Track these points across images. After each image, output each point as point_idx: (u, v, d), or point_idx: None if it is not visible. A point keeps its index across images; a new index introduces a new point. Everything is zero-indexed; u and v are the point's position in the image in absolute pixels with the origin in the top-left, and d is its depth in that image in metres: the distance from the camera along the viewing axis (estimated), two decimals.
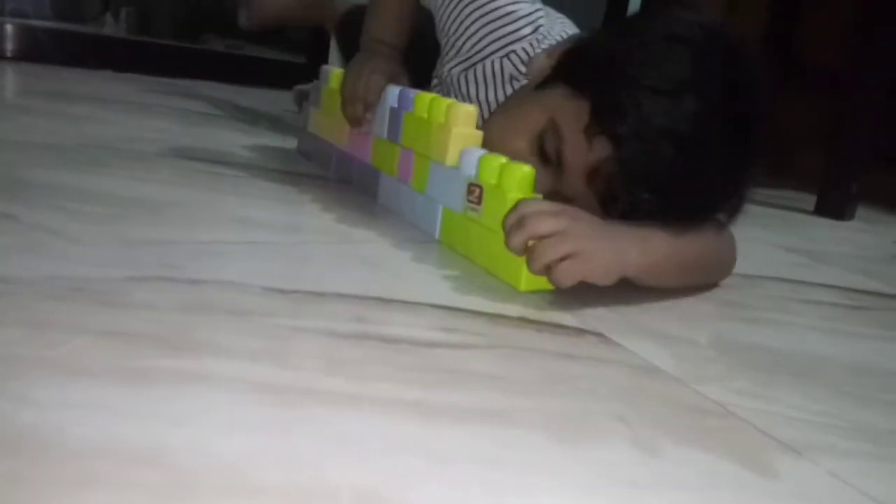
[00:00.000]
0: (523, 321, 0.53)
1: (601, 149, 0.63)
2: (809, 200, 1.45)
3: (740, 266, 0.77)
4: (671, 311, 0.62)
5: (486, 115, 0.85)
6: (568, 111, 0.66)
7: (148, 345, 0.39)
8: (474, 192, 0.65)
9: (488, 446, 0.35)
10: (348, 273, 0.57)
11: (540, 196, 0.62)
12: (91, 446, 0.29)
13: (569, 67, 0.70)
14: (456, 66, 0.86)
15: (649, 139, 0.61)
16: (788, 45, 1.96)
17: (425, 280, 0.58)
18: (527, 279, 0.59)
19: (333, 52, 2.14)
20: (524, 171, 0.62)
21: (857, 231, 1.32)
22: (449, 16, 0.85)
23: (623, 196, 0.63)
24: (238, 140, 1.09)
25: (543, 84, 0.72)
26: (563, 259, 0.56)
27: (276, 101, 1.70)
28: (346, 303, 0.50)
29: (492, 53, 0.83)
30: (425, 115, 0.73)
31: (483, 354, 0.46)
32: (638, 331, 0.56)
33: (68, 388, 0.34)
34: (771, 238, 0.77)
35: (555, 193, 0.67)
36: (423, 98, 0.74)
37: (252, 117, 1.37)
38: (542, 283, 0.59)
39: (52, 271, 0.47)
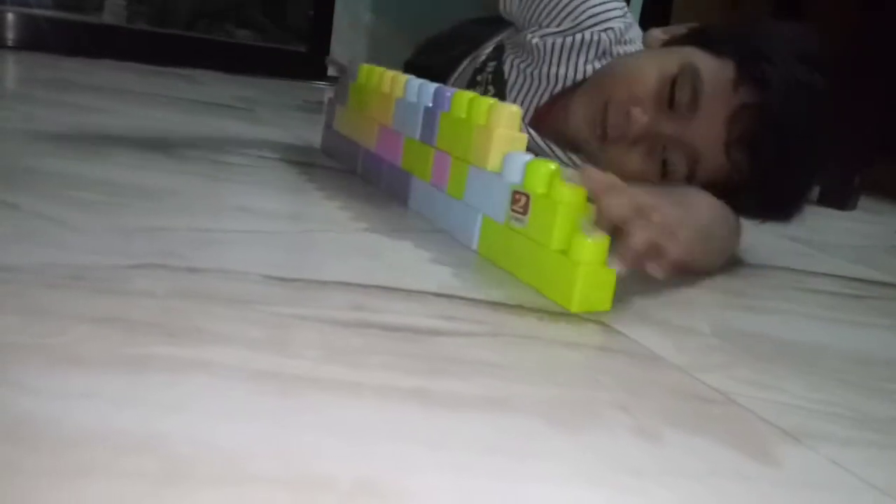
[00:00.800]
0: (524, 309, 0.53)
1: (747, 94, 0.66)
2: (812, 190, 1.45)
3: (743, 255, 0.77)
4: (673, 300, 0.62)
5: (559, 88, 0.86)
6: (707, 62, 0.69)
7: (146, 332, 0.39)
8: (519, 200, 0.59)
9: (489, 434, 0.35)
10: (349, 261, 0.57)
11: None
12: (88, 434, 0.29)
13: (699, 36, 0.73)
14: (550, 38, 0.85)
15: (795, 90, 0.65)
16: None
17: (426, 268, 0.58)
18: (580, 299, 0.54)
19: (335, 42, 2.13)
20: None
21: (859, 221, 1.31)
22: None
23: (759, 142, 0.66)
24: (238, 129, 1.09)
25: (667, 46, 0.75)
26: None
27: (277, 90, 1.69)
28: (346, 291, 0.50)
29: (591, 26, 0.83)
30: (464, 116, 0.68)
31: (484, 342, 0.46)
32: (639, 319, 0.55)
33: (66, 376, 0.33)
34: (773, 227, 0.77)
35: (657, 137, 0.70)
36: (462, 97, 0.69)
37: (252, 106, 1.37)
38: (596, 303, 0.55)
39: (50, 259, 0.47)
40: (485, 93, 0.89)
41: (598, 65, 0.83)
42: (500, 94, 0.88)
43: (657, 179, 0.72)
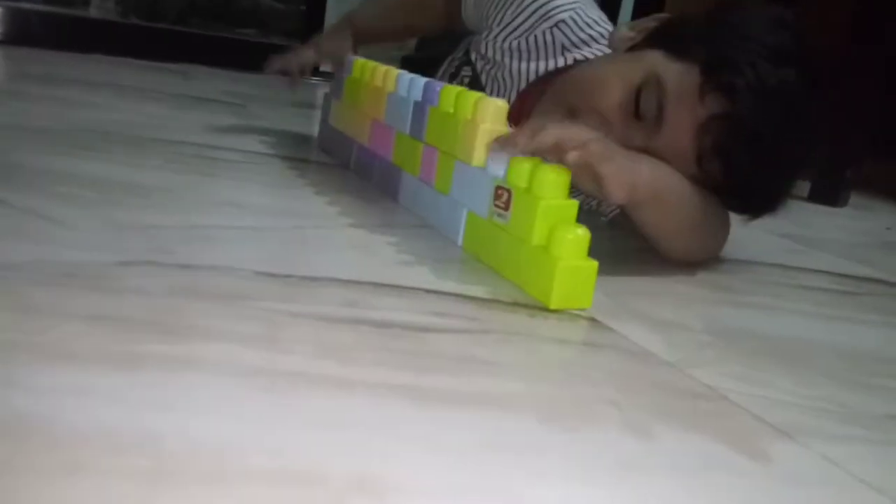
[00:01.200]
0: (516, 306, 0.53)
1: (714, 104, 0.64)
2: (803, 187, 1.45)
3: (734, 251, 0.77)
4: (664, 296, 0.62)
5: (521, 87, 0.85)
6: (672, 69, 0.67)
7: (138, 329, 0.39)
8: (502, 196, 0.58)
9: (480, 430, 0.35)
10: (341, 258, 0.57)
11: (574, 203, 0.57)
12: (80, 432, 0.29)
13: (668, 34, 0.71)
14: (501, 42, 0.84)
15: (763, 96, 0.63)
16: None
17: (418, 265, 0.58)
18: (558, 296, 0.53)
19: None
20: (557, 175, 0.56)
21: (850, 218, 1.32)
22: None
23: (730, 153, 0.64)
24: (230, 124, 1.09)
25: (632, 49, 0.73)
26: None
27: (270, 85, 1.69)
28: (338, 287, 0.50)
29: (539, 23, 0.82)
30: (451, 110, 0.67)
31: (476, 339, 0.46)
32: (631, 315, 0.55)
33: (58, 374, 0.33)
34: (764, 224, 0.77)
35: (641, 151, 0.68)
36: (450, 91, 0.68)
37: (244, 101, 1.36)
38: (574, 300, 0.54)
39: (42, 256, 0.47)
40: None
41: (560, 60, 0.82)
42: None
43: None
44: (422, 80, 0.73)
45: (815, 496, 0.35)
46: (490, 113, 0.63)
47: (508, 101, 0.84)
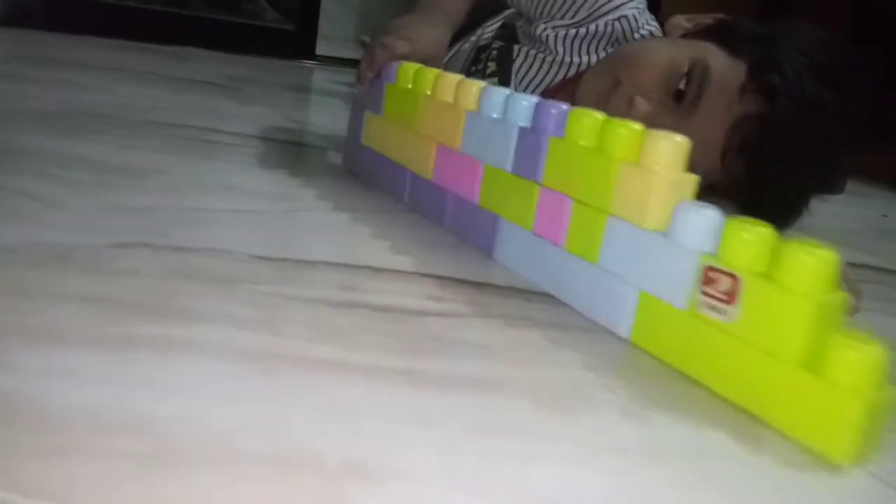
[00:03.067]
0: (513, 290, 0.53)
1: (752, 104, 0.64)
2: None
3: None
4: None
5: (572, 73, 0.84)
6: (721, 61, 0.67)
7: (132, 312, 0.39)
8: (719, 282, 0.41)
9: (477, 415, 0.35)
10: (338, 242, 0.57)
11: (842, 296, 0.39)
12: (73, 414, 0.29)
13: (721, 32, 0.72)
14: (559, 26, 0.83)
15: (802, 107, 0.63)
16: None
17: (416, 249, 0.58)
18: (849, 444, 0.36)
19: (324, 21, 2.11)
20: (826, 256, 0.38)
21: (846, 205, 1.32)
22: None
23: (756, 153, 0.65)
24: (226, 108, 1.08)
25: (685, 37, 0.73)
26: None
27: (266, 68, 1.68)
28: (335, 271, 0.50)
29: (604, 15, 0.82)
30: (592, 144, 0.50)
31: (473, 323, 0.46)
32: None
33: (50, 356, 0.33)
34: None
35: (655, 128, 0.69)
36: (582, 117, 0.50)
37: (241, 85, 1.35)
38: (868, 445, 0.37)
39: (34, 238, 0.46)
40: (485, 69, 0.87)
41: (610, 51, 0.83)
42: (504, 74, 0.86)
43: None
44: (526, 99, 0.55)
45: (809, 483, 0.35)
46: (665, 153, 0.46)
47: (550, 83, 0.85)
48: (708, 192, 0.68)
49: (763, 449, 0.37)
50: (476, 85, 0.60)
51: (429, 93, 0.64)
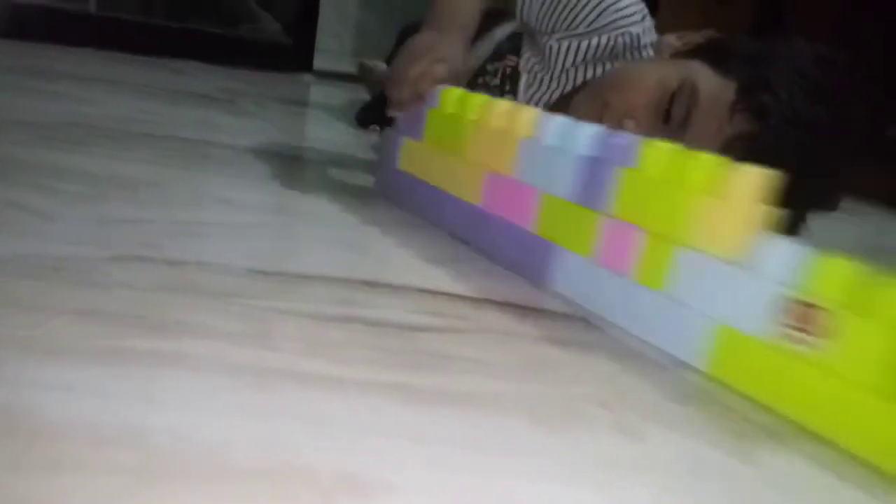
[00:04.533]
0: (508, 306, 0.52)
1: (742, 123, 0.64)
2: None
3: None
4: None
5: (566, 91, 0.84)
6: (709, 81, 0.67)
7: (125, 325, 0.38)
8: (805, 315, 0.42)
9: (471, 430, 0.35)
10: (333, 256, 0.56)
11: None
12: (64, 427, 0.29)
13: (712, 51, 0.71)
14: (563, 38, 0.84)
15: (793, 126, 0.63)
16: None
17: (411, 264, 0.58)
18: None
19: (321, 35, 2.12)
20: None
21: (840, 221, 1.32)
22: None
23: None
24: (222, 121, 1.08)
25: (675, 57, 0.73)
26: None
27: (262, 82, 1.68)
28: (330, 285, 0.50)
29: (607, 28, 0.82)
30: (667, 176, 0.50)
31: (467, 339, 0.45)
32: None
33: (43, 368, 0.33)
34: None
35: None
36: (656, 150, 0.51)
37: (236, 98, 1.36)
38: None
39: (28, 250, 0.46)
40: (503, 86, 0.87)
41: (608, 66, 0.83)
42: (514, 92, 0.87)
43: None
44: (583, 128, 0.56)
45: (804, 499, 0.35)
46: (747, 186, 0.46)
47: (549, 99, 0.85)
48: None
49: (757, 467, 0.37)
50: (527, 111, 0.61)
51: (473, 118, 0.64)
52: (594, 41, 0.82)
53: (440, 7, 0.79)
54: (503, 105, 0.63)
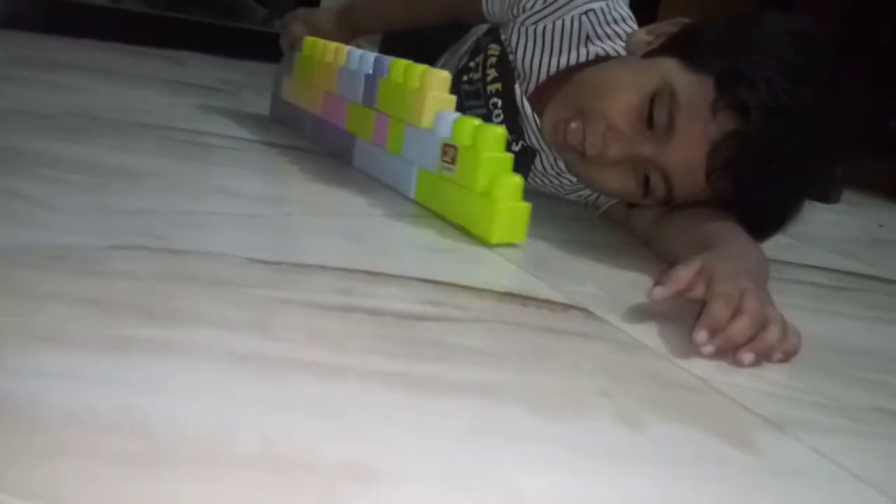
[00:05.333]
0: (509, 296, 0.53)
1: (726, 121, 0.63)
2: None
3: None
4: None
5: (540, 80, 0.82)
6: (686, 80, 0.65)
7: (127, 314, 0.38)
8: (449, 152, 0.67)
9: (472, 419, 0.35)
10: (334, 246, 0.56)
11: (510, 155, 0.65)
12: (66, 414, 0.29)
13: (684, 43, 0.70)
14: (529, 26, 0.82)
15: (776, 115, 0.62)
16: None
17: (412, 254, 0.58)
18: (498, 232, 0.63)
19: None
20: (497, 132, 0.65)
21: (842, 214, 1.32)
22: None
23: (740, 172, 0.63)
24: (222, 111, 1.08)
25: (647, 56, 0.72)
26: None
27: (261, 72, 1.68)
28: (330, 275, 0.50)
29: (570, 8, 0.80)
30: (401, 81, 0.75)
31: (468, 328, 0.46)
32: (624, 307, 0.55)
33: (44, 356, 0.33)
34: None
35: (647, 160, 0.67)
36: (399, 64, 0.76)
37: (237, 89, 1.35)
38: (511, 236, 0.64)
39: (30, 239, 0.46)
40: (485, 77, 0.85)
41: (582, 52, 0.81)
42: (507, 81, 0.84)
43: (640, 198, 0.71)
44: (371, 55, 0.81)
45: (804, 487, 0.35)
46: (436, 81, 0.71)
47: (525, 92, 0.83)
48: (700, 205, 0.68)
49: (758, 454, 0.37)
50: (345, 48, 0.85)
51: (319, 57, 0.90)
52: (557, 24, 0.80)
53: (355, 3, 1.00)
54: (332, 46, 0.87)
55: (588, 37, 0.80)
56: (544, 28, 0.81)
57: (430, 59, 0.95)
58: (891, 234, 1.24)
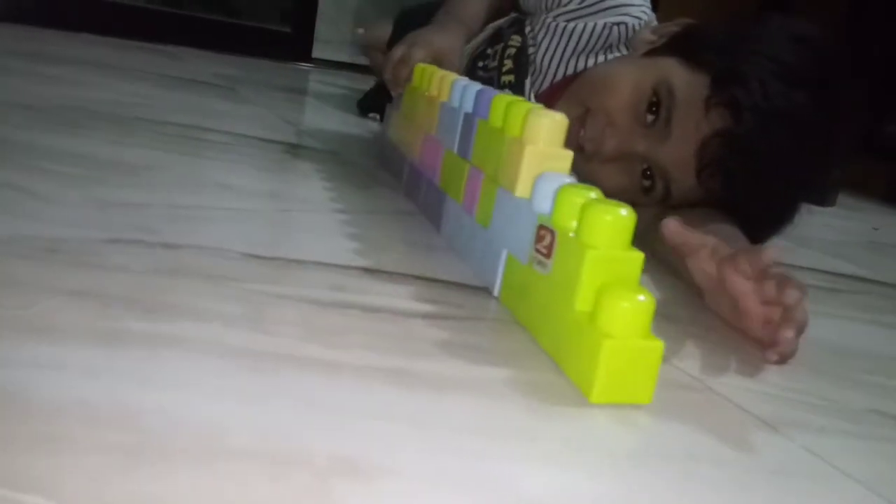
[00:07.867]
0: None
1: (718, 119, 0.63)
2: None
3: None
4: (654, 289, 0.62)
5: (556, 79, 0.82)
6: (683, 78, 0.66)
7: (121, 307, 0.38)
8: (544, 238, 0.43)
9: (467, 415, 0.35)
10: (330, 242, 0.56)
11: (640, 255, 0.41)
12: (59, 406, 0.29)
13: (685, 43, 0.70)
14: (561, 21, 0.81)
15: (768, 116, 0.62)
16: None
17: (408, 251, 0.58)
18: (602, 384, 0.38)
19: (320, 23, 2.11)
20: (617, 216, 0.40)
21: (837, 217, 1.33)
22: None
23: (728, 171, 0.63)
24: (220, 107, 1.08)
25: (649, 54, 0.72)
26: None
27: (261, 69, 1.68)
28: (327, 271, 0.50)
29: (605, 13, 0.80)
30: (500, 124, 0.53)
31: (464, 326, 0.45)
32: None
33: (37, 348, 0.33)
34: None
35: (643, 157, 0.67)
36: (500, 101, 0.54)
37: (235, 84, 1.35)
38: (628, 392, 0.39)
39: (24, 231, 0.46)
40: (500, 66, 0.84)
41: (600, 58, 0.81)
42: (520, 74, 0.83)
43: (638, 195, 0.71)
44: (474, 87, 0.60)
45: (798, 487, 0.35)
46: (544, 128, 0.48)
47: (537, 89, 0.83)
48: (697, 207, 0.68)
49: (752, 454, 0.37)
50: (450, 77, 0.64)
51: (423, 88, 0.71)
52: (589, 25, 0.80)
53: (446, 7, 0.86)
54: (438, 74, 0.67)
55: (611, 47, 0.81)
56: (574, 27, 0.81)
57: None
58: (886, 237, 1.24)
